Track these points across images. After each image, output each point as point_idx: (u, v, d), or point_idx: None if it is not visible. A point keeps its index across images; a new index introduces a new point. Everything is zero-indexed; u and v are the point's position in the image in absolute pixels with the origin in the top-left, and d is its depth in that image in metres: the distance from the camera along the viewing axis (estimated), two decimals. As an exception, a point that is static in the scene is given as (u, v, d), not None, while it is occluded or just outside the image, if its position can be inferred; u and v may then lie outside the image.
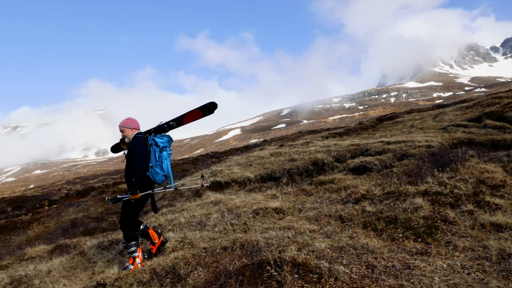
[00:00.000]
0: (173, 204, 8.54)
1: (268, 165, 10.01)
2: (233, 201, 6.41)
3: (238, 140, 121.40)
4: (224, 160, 13.77)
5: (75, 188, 25.51)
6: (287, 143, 14.32)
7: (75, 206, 17.14)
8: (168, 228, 5.78)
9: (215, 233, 4.88)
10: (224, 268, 3.48)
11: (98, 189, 21.10)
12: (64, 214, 16.13)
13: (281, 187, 7.64)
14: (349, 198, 5.26)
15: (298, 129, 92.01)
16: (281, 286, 2.98)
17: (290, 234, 4.06)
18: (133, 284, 3.77)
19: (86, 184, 30.07)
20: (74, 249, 6.75)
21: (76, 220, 14.07)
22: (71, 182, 40.99)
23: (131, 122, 4.65)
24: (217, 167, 11.34)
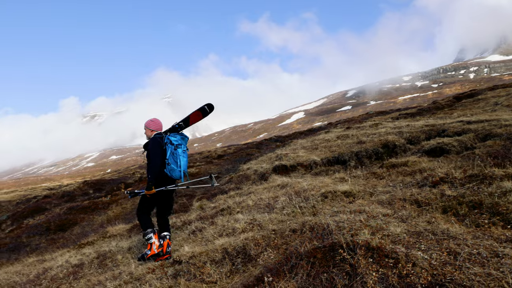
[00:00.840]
0: (240, 187, 8.71)
1: (335, 148, 9.78)
2: (300, 184, 6.35)
3: (302, 123, 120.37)
4: (289, 143, 13.72)
5: (147, 172, 27.03)
6: (354, 125, 13.86)
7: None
8: (236, 210, 5.90)
9: (283, 215, 4.88)
10: (295, 250, 3.46)
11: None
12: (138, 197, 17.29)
13: (350, 170, 7.42)
14: (425, 182, 4.94)
15: (364, 110, 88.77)
16: (354, 269, 2.89)
17: (362, 217, 3.92)
18: (206, 262, 3.90)
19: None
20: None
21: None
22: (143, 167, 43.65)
23: (153, 124, 5.08)
24: (282, 150, 11.33)
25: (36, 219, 20.90)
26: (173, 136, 4.80)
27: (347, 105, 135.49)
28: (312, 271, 3.07)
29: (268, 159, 10.79)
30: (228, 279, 3.61)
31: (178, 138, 4.83)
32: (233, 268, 3.78)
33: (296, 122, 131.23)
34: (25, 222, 21.15)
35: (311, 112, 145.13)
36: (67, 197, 25.77)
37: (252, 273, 3.50)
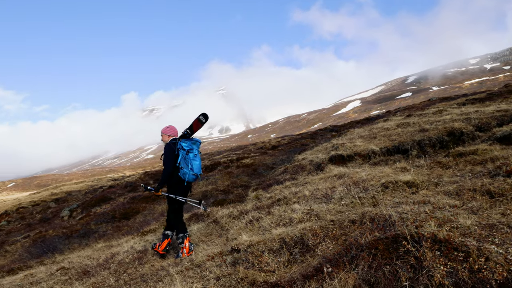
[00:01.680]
0: (296, 178, 8.65)
1: (395, 136, 9.35)
2: (359, 175, 6.16)
3: (358, 112, 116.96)
4: (345, 133, 13.37)
5: (203, 164, 27.84)
6: (415, 113, 13.16)
7: (205, 179, 18.75)
8: (293, 200, 5.86)
9: (341, 206, 4.76)
10: (355, 241, 3.36)
11: (224, 164, 22.69)
12: (196, 187, 17.83)
13: (411, 160, 7.06)
14: (498, 171, 4.55)
15: (426, 97, 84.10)
16: (419, 262, 2.73)
17: (426, 209, 3.71)
18: (264, 251, 3.91)
19: (212, 159, 32.63)
20: (208, 217, 7.37)
21: (206, 192, 15.40)
22: (200, 158, 44.93)
23: (169, 130, 5.49)
24: (337, 140, 11.06)
25: (103, 207, 22.41)
26: (184, 142, 5.16)
27: (407, 91, 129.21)
28: (374, 262, 2.96)
29: (323, 149, 10.61)
30: (286, 269, 3.60)
31: (189, 143, 5.19)
32: (291, 258, 3.75)
33: (352, 111, 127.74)
34: (92, 211, 22.78)
35: (368, 100, 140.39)
36: (129, 187, 27.30)
37: (310, 264, 3.46)
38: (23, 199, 52.26)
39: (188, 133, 5.28)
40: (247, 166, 18.55)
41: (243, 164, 19.55)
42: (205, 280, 3.69)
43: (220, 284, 3.51)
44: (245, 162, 20.27)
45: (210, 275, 3.75)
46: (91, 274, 5.48)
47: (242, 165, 19.47)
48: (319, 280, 3.03)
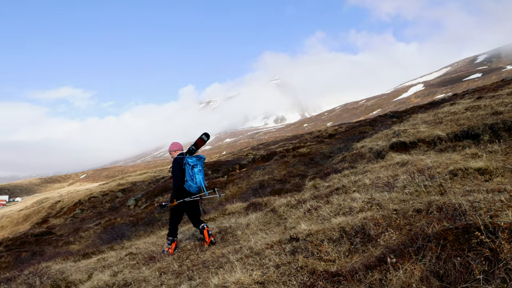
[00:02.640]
0: (354, 166, 8.40)
1: (463, 121, 8.70)
2: (423, 162, 5.82)
3: (421, 96, 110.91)
4: (407, 119, 12.71)
5: (260, 153, 28.10)
6: (486, 95, 12.13)
7: (261, 169, 18.90)
8: (352, 189, 5.70)
9: (405, 194, 4.53)
10: (421, 231, 3.18)
11: (280, 154, 22.69)
12: (252, 176, 18.04)
13: (483, 145, 6.53)
14: None
15: (499, 77, 77.43)
16: (495, 254, 2.52)
17: (502, 197, 3.40)
18: (324, 240, 3.84)
19: (268, 149, 32.79)
20: (266, 206, 7.41)
21: (263, 181, 15.51)
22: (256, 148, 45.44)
23: (174, 146, 6.09)
24: (399, 126, 10.55)
25: (165, 197, 23.51)
26: (190, 158, 5.76)
27: (476, 72, 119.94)
28: (443, 254, 2.78)
29: (384, 136, 10.18)
30: (347, 258, 3.51)
31: (194, 159, 5.78)
32: (351, 247, 3.65)
33: (414, 95, 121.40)
34: (155, 200, 24.00)
35: (432, 84, 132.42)
36: (189, 178, 28.27)
37: (372, 254, 3.34)
38: (93, 189, 56.51)
39: (193, 149, 5.91)
40: (303, 155, 18.41)
41: (299, 154, 19.42)
42: (264, 267, 3.71)
43: (279, 272, 3.51)
44: (302, 151, 20.12)
45: (270, 263, 3.76)
46: (157, 259, 5.76)
47: (299, 154, 19.35)
48: (383, 271, 2.92)
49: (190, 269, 4.57)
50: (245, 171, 21.58)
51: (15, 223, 48.79)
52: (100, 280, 5.45)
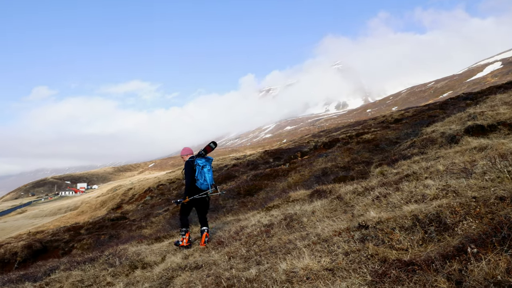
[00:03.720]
0: (425, 152, 7.96)
1: (551, 100, 7.85)
2: (505, 146, 5.35)
3: (499, 76, 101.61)
4: (483, 100, 11.73)
5: (321, 141, 27.67)
6: None
7: (324, 156, 18.63)
8: (424, 175, 5.41)
9: (485, 181, 4.20)
10: (506, 219, 2.94)
11: (342, 140, 22.18)
12: (315, 164, 17.85)
13: None
14: None
15: None
16: None
17: None
18: (395, 228, 3.71)
19: (330, 136, 32.20)
20: (330, 194, 7.30)
21: (326, 169, 15.29)
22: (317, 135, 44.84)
23: (185, 151, 6.92)
24: (475, 109, 9.77)
25: (228, 184, 24.13)
26: (200, 160, 6.60)
27: None
28: (533, 245, 2.55)
29: (457, 120, 9.49)
30: (420, 247, 3.35)
31: (203, 161, 6.62)
32: (425, 236, 3.48)
33: (491, 75, 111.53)
34: (220, 187, 24.72)
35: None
36: (251, 166, 28.76)
37: (449, 243, 3.16)
38: (161, 177, 59.67)
39: (203, 154, 6.71)
40: (367, 142, 17.83)
41: (363, 140, 18.83)
42: (333, 254, 3.67)
43: (349, 259, 3.45)
44: (365, 137, 19.49)
45: (338, 250, 3.71)
46: (225, 244, 5.95)
47: (362, 140, 18.77)
48: (462, 261, 2.75)
49: (258, 254, 4.66)
50: (307, 158, 21.42)
51: (93, 209, 53.27)
52: (173, 262, 5.77)
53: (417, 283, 2.77)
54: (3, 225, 62.47)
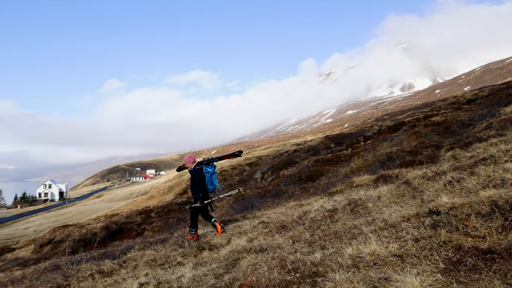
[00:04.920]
0: (504, 134, 7.34)
1: None
2: None
3: None
4: None
5: (386, 124, 26.57)
6: None
7: (388, 140, 17.89)
8: (503, 159, 4.98)
9: None
10: None
11: (409, 124, 21.11)
12: (379, 149, 17.22)
13: None
14: None
15: None
16: None
17: None
18: (470, 214, 3.48)
19: (395, 119, 30.76)
20: (397, 179, 7.02)
21: (391, 153, 14.69)
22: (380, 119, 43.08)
23: (191, 159, 7.50)
24: None
25: (289, 170, 24.17)
26: (210, 168, 7.44)
27: None
28: None
29: (541, 98, 8.58)
30: (500, 235, 3.12)
31: (213, 169, 7.48)
32: (506, 223, 3.23)
33: None
34: (281, 173, 24.86)
35: None
36: (312, 151, 28.50)
37: (536, 232, 2.89)
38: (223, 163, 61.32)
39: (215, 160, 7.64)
40: (437, 124, 16.80)
41: (431, 122, 17.78)
42: (401, 240, 3.54)
43: (419, 246, 3.31)
44: (434, 120, 18.38)
45: (407, 236, 3.57)
46: (288, 228, 6.00)
47: (431, 123, 17.72)
48: (550, 251, 2.51)
49: (322, 238, 4.64)
50: (370, 143, 20.74)
51: (161, 193, 56.35)
52: (238, 245, 5.95)
53: (497, 272, 2.60)
54: (83, 208, 68.61)
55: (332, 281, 3.12)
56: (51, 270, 7.72)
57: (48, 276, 6.96)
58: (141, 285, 4.57)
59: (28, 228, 51.59)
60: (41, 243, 28.57)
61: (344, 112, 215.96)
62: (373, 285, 2.92)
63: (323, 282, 3.16)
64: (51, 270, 7.70)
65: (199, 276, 4.56)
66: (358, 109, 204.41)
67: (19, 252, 30.52)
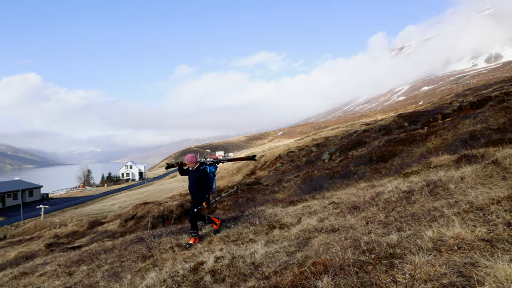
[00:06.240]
0: None
1: None
2: None
3: None
4: None
5: (468, 100, 24.49)
6: None
7: (471, 118, 16.49)
8: None
9: None
10: None
11: (496, 99, 19.23)
12: (460, 127, 15.95)
13: None
14: None
15: None
16: None
17: None
18: None
19: (479, 94, 28.22)
20: (483, 159, 6.46)
21: (475, 131, 13.54)
22: (461, 95, 39.79)
23: (194, 159, 7.02)
24: None
25: (359, 151, 23.43)
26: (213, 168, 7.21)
27: None
28: None
29: None
30: None
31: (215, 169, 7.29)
32: None
33: None
34: (349, 154, 24.20)
35: None
36: (383, 131, 27.30)
37: None
38: (290, 144, 61.38)
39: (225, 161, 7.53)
40: None
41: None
42: (490, 224, 3.25)
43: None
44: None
45: (498, 220, 3.27)
46: (361, 209, 5.84)
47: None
48: None
49: (398, 220, 4.44)
50: (450, 121, 19.30)
51: (230, 174, 58.17)
52: (309, 224, 5.93)
53: None
54: (160, 187, 73.44)
55: (411, 263, 2.98)
56: (136, 242, 8.42)
57: (134, 247, 7.61)
58: (217, 259, 4.77)
59: (114, 204, 56.62)
60: (125, 218, 31.22)
61: (419, 88, 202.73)
62: (458, 270, 2.72)
63: (401, 264, 3.03)
64: (136, 242, 8.40)
65: (271, 253, 4.64)
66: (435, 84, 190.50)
67: (108, 226, 33.68)
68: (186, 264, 5.02)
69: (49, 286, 6.33)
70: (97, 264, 7.15)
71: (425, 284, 2.65)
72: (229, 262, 4.55)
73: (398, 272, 2.91)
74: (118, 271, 6.09)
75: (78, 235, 33.26)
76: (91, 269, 6.85)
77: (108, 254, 7.98)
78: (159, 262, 5.91)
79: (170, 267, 5.33)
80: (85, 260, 7.90)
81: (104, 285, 5.33)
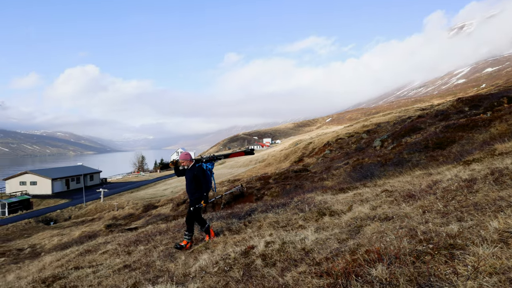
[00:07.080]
0: None
1: None
2: None
3: None
4: None
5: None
6: None
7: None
8: None
9: None
10: None
11: None
12: (527, 112, 14.70)
13: None
14: None
15: None
16: None
17: None
18: None
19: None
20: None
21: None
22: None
23: (189, 156, 6.77)
24: None
25: (413, 137, 22.42)
26: (210, 165, 6.82)
27: None
28: None
29: None
30: None
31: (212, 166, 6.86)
32: None
33: None
34: (403, 140, 23.23)
35: None
36: (440, 116, 25.89)
37: None
38: (339, 131, 60.11)
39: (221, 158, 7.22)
40: None
41: None
42: None
43: None
44: None
45: None
46: (416, 197, 5.59)
47: None
48: None
49: (458, 210, 4.20)
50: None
51: (278, 161, 58.22)
52: (360, 212, 5.79)
53: None
54: (209, 173, 75.23)
55: (474, 255, 2.81)
56: (188, 225, 8.73)
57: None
58: (267, 244, 4.81)
59: (166, 189, 59.04)
60: (177, 203, 32.46)
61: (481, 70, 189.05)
62: (528, 264, 2.53)
63: (463, 255, 2.86)
64: (188, 225, 8.71)
65: (322, 240, 4.59)
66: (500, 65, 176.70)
67: (161, 209, 35.25)
68: (237, 248, 5.11)
69: (111, 263, 6.74)
70: (153, 245, 7.50)
71: (490, 277, 2.48)
72: (279, 247, 4.56)
73: (459, 264, 2.76)
74: (172, 252, 6.36)
75: (134, 218, 35.11)
76: (148, 249, 7.21)
77: (162, 236, 8.35)
78: (210, 245, 6.07)
79: (221, 250, 5.47)
80: (142, 241, 8.32)
81: (160, 265, 5.58)
